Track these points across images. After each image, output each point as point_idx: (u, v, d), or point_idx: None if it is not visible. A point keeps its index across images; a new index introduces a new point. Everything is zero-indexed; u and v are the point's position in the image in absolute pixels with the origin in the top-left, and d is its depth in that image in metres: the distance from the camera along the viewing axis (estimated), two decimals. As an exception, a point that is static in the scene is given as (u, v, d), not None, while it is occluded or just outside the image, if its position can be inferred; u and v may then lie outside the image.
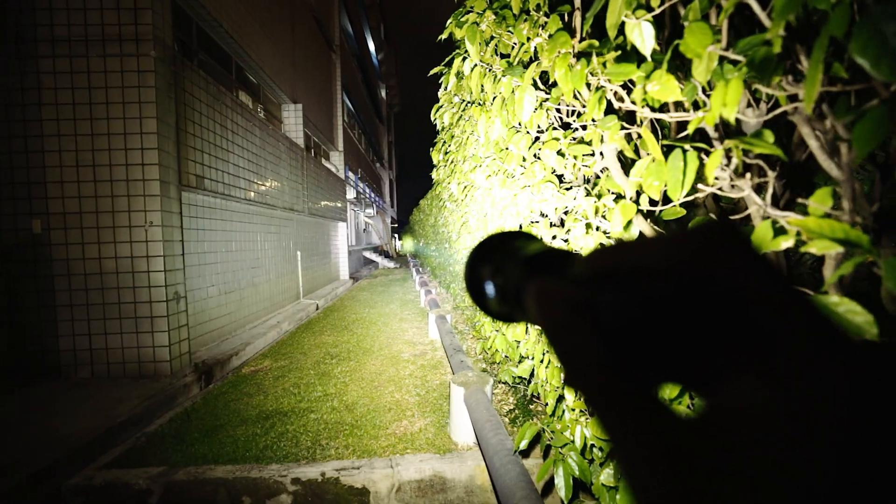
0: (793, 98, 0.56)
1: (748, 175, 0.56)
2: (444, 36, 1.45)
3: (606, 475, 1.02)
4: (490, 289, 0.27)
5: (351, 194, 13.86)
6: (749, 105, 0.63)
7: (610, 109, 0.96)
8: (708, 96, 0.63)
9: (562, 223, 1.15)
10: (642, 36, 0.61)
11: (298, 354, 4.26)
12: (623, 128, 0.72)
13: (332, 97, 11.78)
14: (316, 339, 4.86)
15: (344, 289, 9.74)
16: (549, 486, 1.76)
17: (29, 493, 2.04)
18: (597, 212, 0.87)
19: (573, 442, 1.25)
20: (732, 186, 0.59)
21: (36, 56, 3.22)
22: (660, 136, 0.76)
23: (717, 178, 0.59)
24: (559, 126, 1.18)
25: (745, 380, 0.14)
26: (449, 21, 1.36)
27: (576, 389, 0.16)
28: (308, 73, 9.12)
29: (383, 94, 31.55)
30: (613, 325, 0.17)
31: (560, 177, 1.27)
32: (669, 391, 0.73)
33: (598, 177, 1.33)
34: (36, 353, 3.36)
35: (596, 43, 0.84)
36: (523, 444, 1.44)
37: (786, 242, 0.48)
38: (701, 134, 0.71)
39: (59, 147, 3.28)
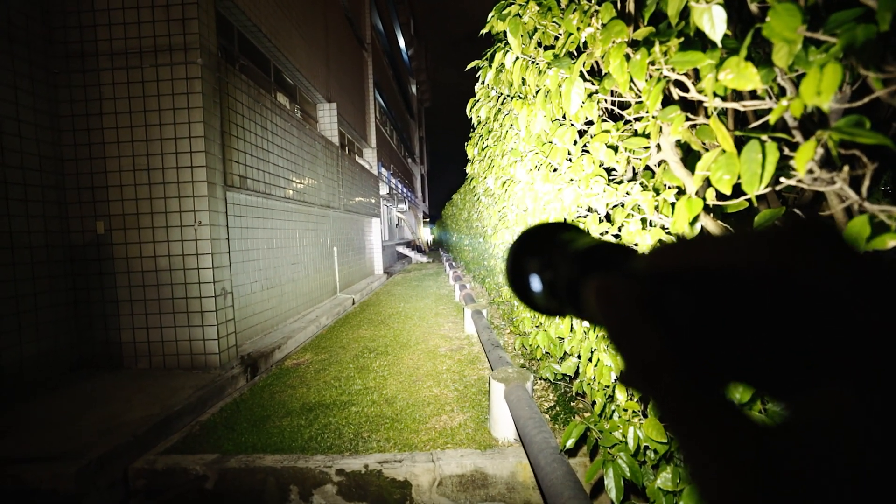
0: (888, 82, 0.51)
1: (845, 167, 0.51)
2: (485, 30, 1.43)
3: (664, 479, 0.98)
4: (536, 283, 0.26)
5: (384, 190, 14.05)
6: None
7: (665, 101, 0.91)
8: (785, 82, 0.58)
9: (608, 218, 1.11)
10: (712, 21, 0.57)
11: (338, 348, 4.38)
12: (688, 119, 0.68)
13: (365, 95, 11.95)
14: (354, 334, 4.98)
15: (379, 283, 9.91)
16: (597, 487, 1.72)
17: (97, 475, 2.21)
18: (656, 207, 0.83)
19: (625, 443, 1.22)
20: (815, 179, 0.55)
21: (97, 69, 3.45)
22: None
23: (809, 172, 0.54)
24: (607, 118, 1.14)
25: (833, 388, 0.13)
26: (491, 14, 1.34)
27: (638, 390, 0.16)
28: (341, 73, 9.29)
29: (414, 89, 31.69)
30: (683, 324, 0.16)
31: (609, 170, 1.23)
32: (740, 395, 0.69)
33: (647, 170, 1.27)
34: (101, 345, 3.63)
35: (654, 30, 0.80)
36: (570, 443, 1.41)
37: (893, 241, 0.43)
38: (765, 123, 0.67)
39: (118, 153, 3.50)
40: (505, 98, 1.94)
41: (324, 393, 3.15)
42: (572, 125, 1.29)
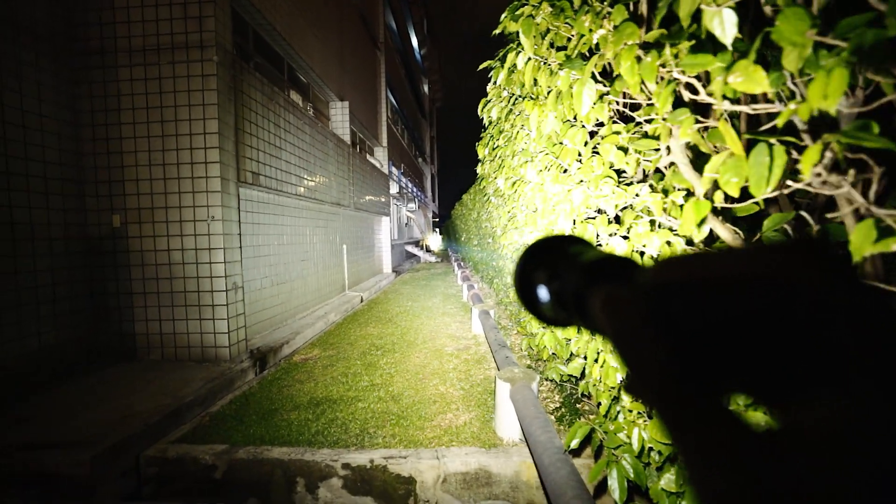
0: (900, 85, 0.51)
1: (851, 171, 0.51)
2: (498, 31, 1.44)
3: (667, 480, 0.98)
4: (544, 294, 0.27)
5: (394, 189, 14.11)
6: (843, 94, 0.58)
7: (676, 103, 0.91)
8: (795, 85, 0.58)
9: (617, 219, 1.11)
10: (723, 24, 0.57)
11: (345, 345, 4.42)
12: (697, 121, 0.69)
13: (377, 93, 12.01)
14: (362, 331, 5.01)
15: (387, 282, 9.96)
16: (601, 488, 1.72)
17: (111, 462, 2.27)
18: (665, 209, 0.84)
19: (629, 444, 1.22)
20: (823, 183, 0.55)
21: (116, 66, 3.52)
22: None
23: (817, 175, 0.54)
24: (618, 120, 1.14)
25: (827, 398, 0.14)
26: (504, 15, 1.35)
27: (640, 398, 0.16)
28: (354, 71, 9.35)
29: (426, 89, 31.74)
30: (685, 335, 0.17)
31: (618, 172, 1.23)
32: (740, 404, 0.69)
33: (657, 172, 1.27)
34: (115, 336, 3.71)
35: (665, 32, 0.80)
36: (574, 443, 1.42)
37: (897, 245, 0.44)
38: (774, 127, 0.67)
39: (134, 148, 3.57)
40: (516, 99, 1.95)
41: (331, 388, 3.18)
42: (583, 126, 1.30)
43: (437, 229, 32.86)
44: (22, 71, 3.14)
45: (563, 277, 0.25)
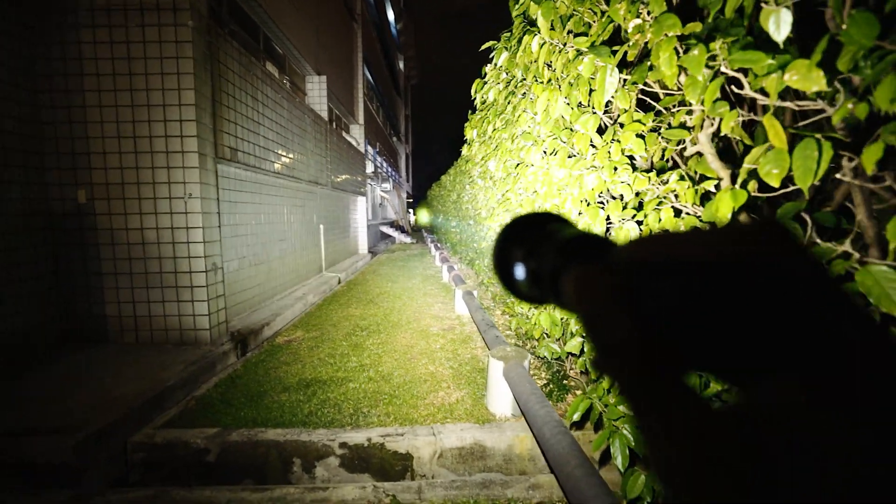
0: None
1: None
2: (518, 11, 1.42)
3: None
4: (521, 271, 0.27)
5: (369, 168, 13.83)
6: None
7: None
8: (843, 85, 0.62)
9: (640, 206, 1.16)
10: (778, 23, 0.60)
11: (328, 326, 4.39)
12: (740, 115, 0.72)
13: (354, 68, 11.60)
14: (343, 312, 4.98)
15: (363, 263, 9.87)
16: (603, 458, 1.83)
17: (96, 448, 2.19)
18: (693, 197, 0.88)
19: (631, 415, 1.30)
20: (871, 179, 0.60)
21: (77, 25, 3.23)
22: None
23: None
24: (637, 108, 1.17)
25: (779, 378, 0.14)
26: (520, -5, 1.34)
27: (607, 374, 0.17)
28: (331, 44, 8.97)
29: (401, 65, 30.90)
30: (653, 313, 0.17)
31: (631, 158, 1.27)
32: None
33: (664, 160, 1.32)
34: (85, 318, 3.53)
35: (701, 26, 0.82)
36: (577, 416, 1.50)
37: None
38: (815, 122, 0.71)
39: (100, 118, 3.33)
40: (519, 81, 1.94)
41: (319, 369, 3.17)
42: (594, 112, 1.32)
43: (411, 210, 32.60)
44: (-31, 28, 2.84)
45: (539, 255, 0.25)
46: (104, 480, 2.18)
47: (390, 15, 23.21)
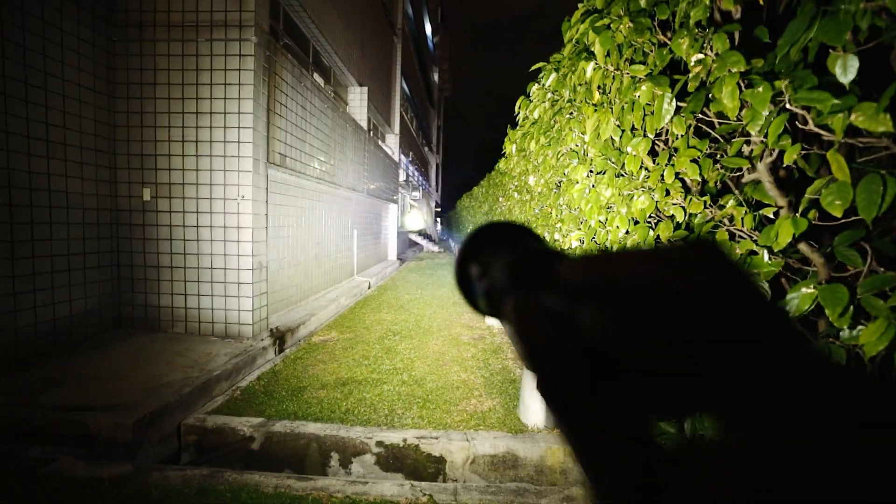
0: None
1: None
2: (568, 38, 1.51)
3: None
4: (478, 288, 0.26)
5: (401, 176, 14.12)
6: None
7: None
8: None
9: (688, 227, 1.20)
10: (845, 67, 0.65)
11: (361, 329, 4.52)
12: (804, 148, 0.77)
13: (392, 80, 11.96)
14: (375, 316, 5.11)
15: (392, 269, 10.05)
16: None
17: (150, 427, 2.36)
18: (751, 223, 0.92)
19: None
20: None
21: (154, 40, 3.54)
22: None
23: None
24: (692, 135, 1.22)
25: (719, 408, 0.13)
26: (572, 20, 1.43)
27: (545, 400, 0.16)
28: (373, 57, 9.32)
29: (436, 77, 31.50)
30: (593, 339, 0.17)
31: (682, 181, 1.32)
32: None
33: (713, 184, 1.36)
34: (139, 307, 3.79)
35: (763, 62, 0.88)
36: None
37: None
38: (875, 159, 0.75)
39: (168, 123, 3.61)
40: (568, 101, 2.01)
41: (354, 370, 3.28)
42: (645, 136, 1.38)
43: (439, 219, 32.85)
44: (64, 40, 3.16)
45: (491, 274, 0.24)
46: (154, 459, 2.34)
47: (428, 29, 23.79)
